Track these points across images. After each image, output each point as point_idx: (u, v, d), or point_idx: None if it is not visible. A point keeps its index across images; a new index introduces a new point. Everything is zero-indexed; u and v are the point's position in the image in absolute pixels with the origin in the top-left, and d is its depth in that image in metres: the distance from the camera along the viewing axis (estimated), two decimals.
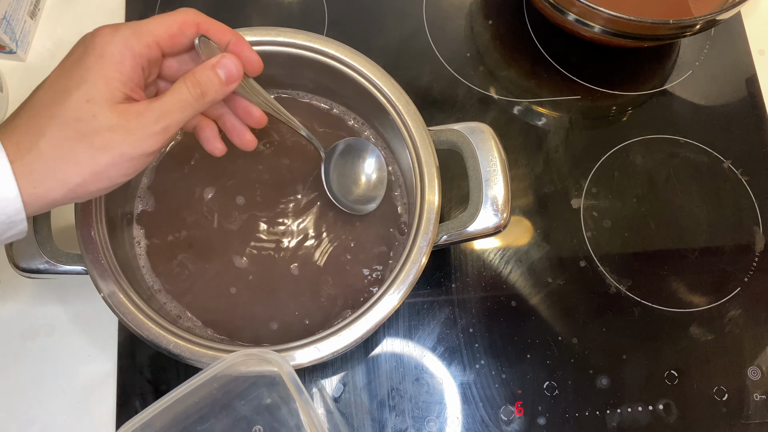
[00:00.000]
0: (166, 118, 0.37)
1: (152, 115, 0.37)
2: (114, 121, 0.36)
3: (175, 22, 0.40)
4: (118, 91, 0.37)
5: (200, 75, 0.39)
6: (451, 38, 0.66)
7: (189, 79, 0.39)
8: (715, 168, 0.62)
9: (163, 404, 0.40)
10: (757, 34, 0.67)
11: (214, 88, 0.40)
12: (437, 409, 0.53)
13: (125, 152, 0.36)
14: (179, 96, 0.38)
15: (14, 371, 0.54)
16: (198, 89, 0.39)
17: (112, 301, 0.45)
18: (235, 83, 0.41)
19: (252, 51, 0.43)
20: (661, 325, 0.56)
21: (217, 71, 0.40)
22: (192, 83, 0.39)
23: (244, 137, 0.46)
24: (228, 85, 0.40)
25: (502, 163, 0.48)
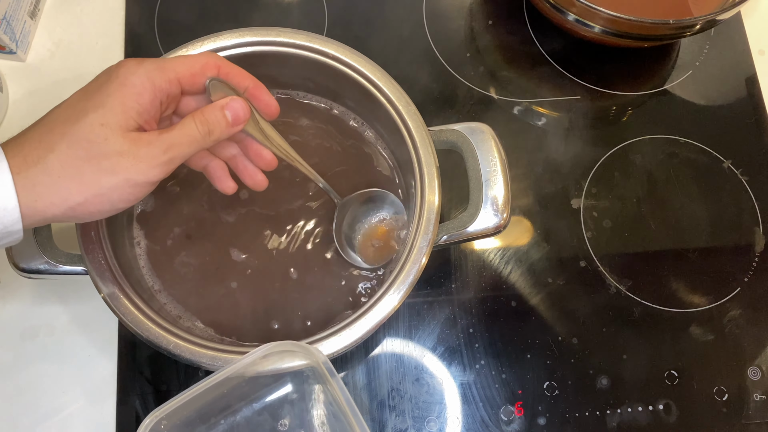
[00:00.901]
0: (174, 150, 0.39)
1: (161, 145, 0.38)
2: (125, 147, 0.37)
3: (198, 63, 0.41)
4: (132, 120, 0.38)
5: (209, 114, 0.41)
6: (451, 38, 0.66)
7: (198, 116, 0.40)
8: (715, 168, 0.62)
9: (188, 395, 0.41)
10: (757, 34, 0.67)
11: (220, 128, 0.41)
12: (437, 409, 0.53)
13: (131, 177, 0.37)
14: (187, 131, 0.40)
15: (14, 371, 0.54)
16: (206, 127, 0.40)
17: (112, 301, 0.45)
18: (241, 125, 0.42)
19: (270, 96, 0.45)
20: (661, 325, 0.56)
21: (225, 112, 0.41)
22: (200, 120, 0.40)
23: (255, 178, 0.47)
24: (234, 126, 0.42)
25: (502, 163, 0.48)
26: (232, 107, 0.42)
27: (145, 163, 0.38)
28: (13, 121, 0.61)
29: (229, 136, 0.42)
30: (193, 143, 0.40)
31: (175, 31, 0.64)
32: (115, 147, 0.37)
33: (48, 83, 0.62)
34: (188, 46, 0.50)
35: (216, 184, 0.47)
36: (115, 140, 0.37)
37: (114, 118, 0.37)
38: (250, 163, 0.47)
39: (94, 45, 0.64)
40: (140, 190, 0.38)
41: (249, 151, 0.47)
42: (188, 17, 0.65)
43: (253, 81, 0.44)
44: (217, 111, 0.41)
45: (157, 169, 0.38)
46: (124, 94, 0.38)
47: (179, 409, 0.41)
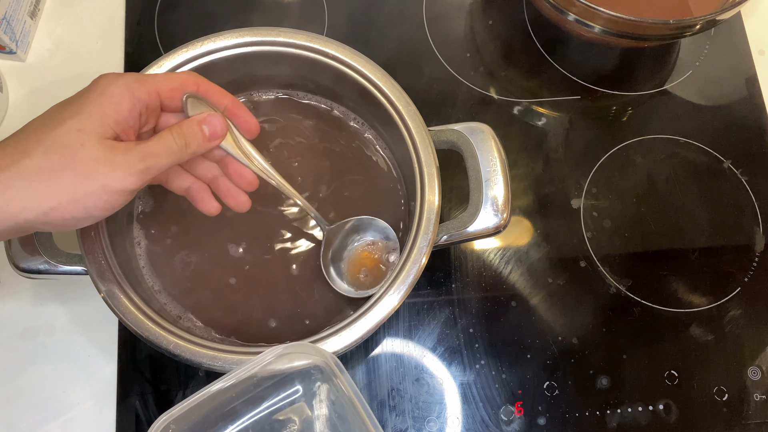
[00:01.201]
0: (150, 159, 0.39)
1: (138, 153, 0.38)
2: (101, 154, 0.37)
3: (178, 79, 0.42)
4: (110, 128, 0.38)
5: (186, 127, 0.41)
6: (451, 38, 0.66)
7: (175, 129, 0.41)
8: (715, 168, 0.62)
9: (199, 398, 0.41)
10: (757, 34, 0.67)
11: (197, 141, 0.42)
12: (437, 409, 0.53)
13: (106, 184, 0.37)
14: (164, 142, 0.40)
15: (14, 371, 0.54)
16: (183, 139, 0.41)
17: (112, 301, 0.45)
18: (218, 140, 0.43)
19: (249, 115, 0.46)
20: (661, 325, 0.56)
21: (202, 126, 0.42)
22: (177, 133, 0.41)
23: (238, 199, 0.47)
24: (210, 141, 0.43)
25: (502, 163, 0.48)
26: (209, 122, 0.42)
27: (121, 170, 0.38)
28: (13, 121, 0.61)
29: (207, 150, 0.43)
30: (170, 154, 0.40)
31: (175, 31, 0.64)
32: (91, 153, 0.37)
33: (48, 83, 0.62)
34: (188, 46, 0.50)
35: (199, 206, 0.47)
36: (91, 146, 0.37)
37: (91, 124, 0.37)
38: (231, 184, 0.47)
39: (94, 45, 0.64)
40: (116, 198, 0.38)
41: (229, 171, 0.46)
42: (188, 17, 0.65)
43: (232, 99, 0.45)
44: (194, 125, 0.42)
45: (133, 177, 0.38)
46: (102, 103, 0.38)
47: (188, 412, 0.41)
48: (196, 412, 0.42)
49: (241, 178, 0.47)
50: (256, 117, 0.55)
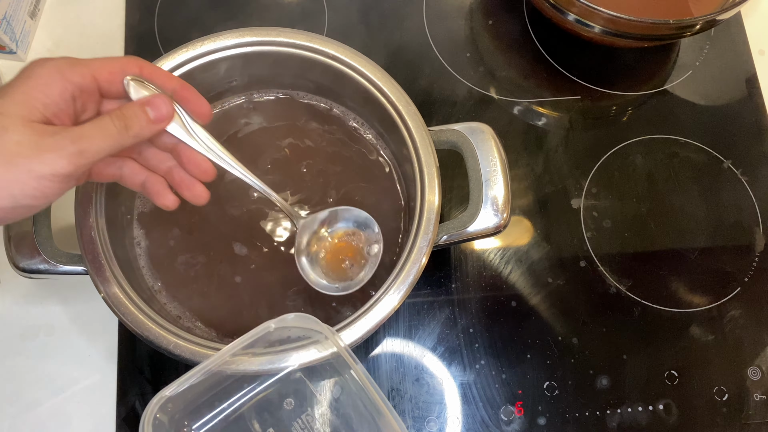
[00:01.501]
0: (84, 141, 0.36)
1: (69, 136, 0.36)
2: (25, 137, 0.35)
3: (118, 62, 0.40)
4: (37, 111, 0.36)
5: (126, 109, 0.39)
6: (451, 38, 0.66)
7: (114, 112, 0.38)
8: (715, 168, 0.62)
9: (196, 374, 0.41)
10: (757, 34, 0.67)
11: (139, 124, 0.39)
12: (437, 409, 0.53)
13: (33, 169, 0.35)
14: (101, 124, 0.37)
15: (14, 371, 0.54)
16: (122, 122, 0.38)
17: (112, 301, 0.45)
18: (164, 122, 0.40)
19: (200, 97, 0.42)
20: (661, 325, 0.56)
21: (145, 109, 0.39)
22: (116, 115, 0.38)
23: (194, 190, 0.44)
24: (155, 124, 0.40)
25: (503, 163, 0.48)
26: (153, 103, 0.39)
27: (49, 153, 0.35)
28: None
29: (152, 134, 0.40)
30: (107, 137, 0.37)
31: (175, 31, 0.64)
32: (14, 137, 0.34)
33: None
34: (188, 46, 0.50)
35: (155, 200, 0.44)
36: (15, 129, 0.34)
37: (15, 107, 0.35)
38: (186, 175, 0.44)
39: (94, 45, 0.64)
40: (47, 185, 0.35)
41: (183, 160, 0.43)
42: (188, 17, 0.65)
43: (179, 82, 0.42)
44: (135, 107, 0.39)
45: (64, 160, 0.35)
46: (28, 85, 0.36)
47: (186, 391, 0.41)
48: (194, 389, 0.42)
49: (195, 166, 0.43)
50: (257, 117, 0.56)
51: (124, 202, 0.52)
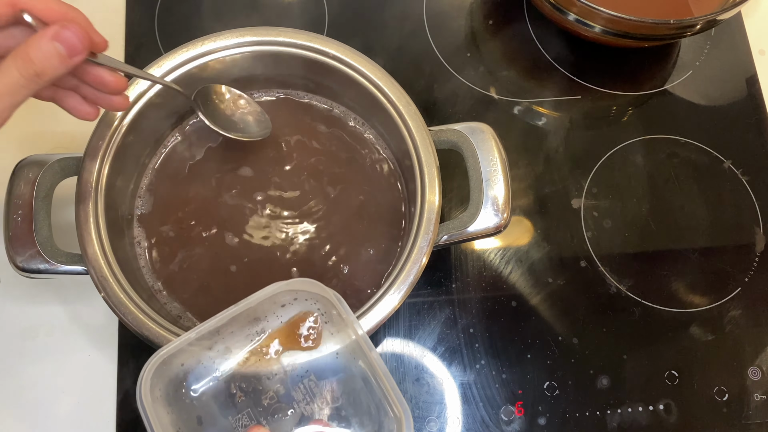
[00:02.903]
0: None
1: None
2: None
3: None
4: None
5: (34, 51, 0.33)
6: (451, 38, 0.66)
7: (20, 56, 0.33)
8: (715, 168, 0.62)
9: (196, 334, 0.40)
10: (757, 34, 0.67)
11: (52, 66, 0.34)
12: (437, 409, 0.53)
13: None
14: (8, 79, 0.33)
15: (14, 371, 0.54)
16: (31, 69, 0.33)
17: (112, 301, 0.45)
18: (81, 55, 0.35)
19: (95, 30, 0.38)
20: (661, 325, 0.56)
21: (55, 45, 0.33)
22: (24, 61, 0.33)
23: (112, 102, 0.41)
24: (71, 59, 0.34)
25: (503, 163, 0.48)
26: (63, 36, 0.34)
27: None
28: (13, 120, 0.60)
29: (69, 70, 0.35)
30: (19, 91, 0.33)
31: (175, 31, 0.64)
32: None
33: None
34: (188, 46, 0.50)
35: (74, 114, 0.41)
36: None
37: None
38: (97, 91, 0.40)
39: None
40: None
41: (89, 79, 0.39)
42: (188, 17, 0.65)
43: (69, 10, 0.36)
44: (45, 44, 0.33)
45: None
46: None
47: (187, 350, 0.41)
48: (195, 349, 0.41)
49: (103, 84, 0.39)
50: None
51: (124, 202, 0.52)
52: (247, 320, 0.43)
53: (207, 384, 0.43)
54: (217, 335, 0.42)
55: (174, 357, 0.41)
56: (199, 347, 0.42)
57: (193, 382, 0.43)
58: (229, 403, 0.43)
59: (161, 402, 0.40)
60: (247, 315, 0.42)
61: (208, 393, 0.43)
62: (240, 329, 0.43)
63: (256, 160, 0.55)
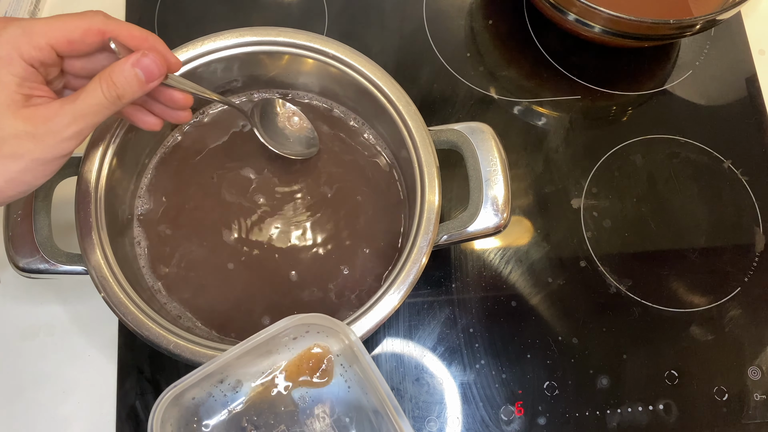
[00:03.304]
0: (80, 122, 0.36)
1: (63, 120, 0.36)
2: (20, 128, 0.35)
3: (78, 29, 0.37)
4: (16, 95, 0.35)
5: (117, 75, 0.37)
6: (451, 38, 0.66)
7: (105, 80, 0.37)
8: (715, 168, 0.62)
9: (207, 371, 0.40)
10: (757, 34, 0.67)
11: (132, 89, 0.38)
12: (437, 409, 0.53)
13: (37, 158, 0.35)
14: (94, 100, 0.36)
15: (14, 371, 0.54)
16: (114, 92, 0.37)
17: (112, 301, 0.45)
18: (157, 80, 0.39)
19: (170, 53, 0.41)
20: (661, 325, 0.56)
21: (135, 71, 0.37)
22: (108, 85, 0.37)
23: (178, 116, 0.45)
24: (148, 84, 0.39)
25: (503, 163, 0.48)
26: (142, 63, 0.38)
27: (48, 141, 0.35)
28: None
29: (145, 93, 0.39)
30: (102, 111, 0.37)
31: (175, 32, 0.64)
32: (9, 130, 0.34)
33: None
34: (188, 46, 0.50)
35: (138, 125, 0.44)
36: (7, 123, 0.34)
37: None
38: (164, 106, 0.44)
39: None
40: (57, 163, 0.36)
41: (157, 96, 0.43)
42: (188, 17, 0.65)
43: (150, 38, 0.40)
44: (126, 71, 0.37)
45: (64, 144, 0.35)
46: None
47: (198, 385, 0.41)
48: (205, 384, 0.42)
49: (172, 101, 0.43)
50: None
51: (124, 202, 0.52)
52: (259, 353, 0.43)
53: (219, 418, 0.43)
54: (229, 368, 0.42)
55: (185, 391, 0.41)
56: (210, 381, 0.42)
57: (205, 416, 0.43)
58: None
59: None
60: (259, 348, 0.42)
61: (219, 427, 0.43)
62: (252, 362, 0.43)
63: (257, 161, 0.55)
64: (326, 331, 0.43)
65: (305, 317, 0.42)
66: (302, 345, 0.44)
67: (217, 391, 0.43)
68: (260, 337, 0.41)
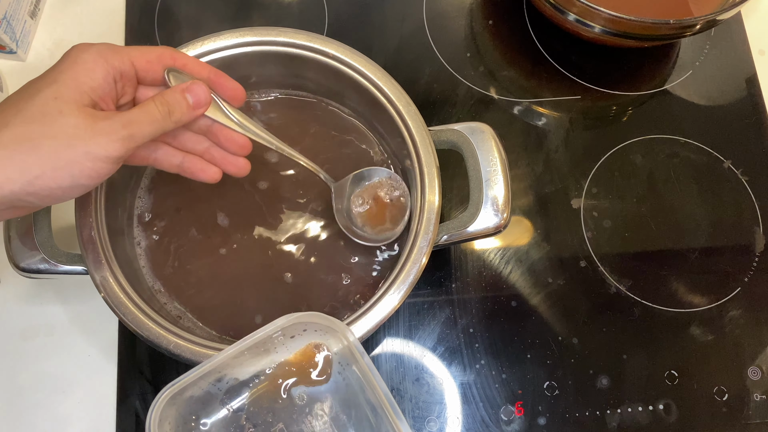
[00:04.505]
0: (133, 126, 0.38)
1: (120, 120, 0.38)
2: (80, 120, 0.37)
3: (153, 52, 0.42)
4: (86, 96, 0.38)
5: (168, 95, 0.41)
6: (451, 38, 0.66)
7: (158, 97, 0.40)
8: (715, 168, 0.62)
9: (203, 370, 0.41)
10: (757, 34, 0.67)
11: (180, 109, 0.41)
12: (437, 409, 0.53)
13: (90, 151, 0.37)
14: (147, 109, 0.40)
15: (14, 371, 0.54)
16: (165, 107, 0.40)
17: (112, 301, 0.45)
18: (203, 108, 0.42)
19: (233, 82, 0.45)
20: (661, 325, 0.56)
21: (185, 95, 0.41)
22: (160, 101, 0.40)
23: (237, 164, 0.47)
24: (196, 110, 0.42)
25: (503, 163, 0.48)
26: (192, 90, 0.42)
27: (103, 136, 0.37)
28: None
29: (192, 119, 0.42)
30: (153, 122, 0.40)
31: (175, 32, 0.64)
32: (70, 120, 0.36)
33: None
34: (188, 46, 0.50)
35: (199, 177, 0.46)
36: (70, 113, 0.36)
37: (68, 92, 0.37)
38: (225, 152, 0.46)
39: None
40: (101, 166, 0.37)
41: (220, 139, 0.46)
42: (188, 17, 0.65)
43: (212, 71, 0.44)
44: (177, 93, 0.41)
45: (117, 143, 0.37)
46: (76, 71, 0.38)
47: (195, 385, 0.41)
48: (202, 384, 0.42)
49: (232, 143, 0.46)
50: (257, 117, 0.56)
51: (124, 202, 0.52)
52: (257, 352, 0.43)
53: (217, 417, 0.43)
54: (227, 367, 0.42)
55: (183, 390, 0.41)
56: (208, 380, 0.42)
57: (203, 415, 0.43)
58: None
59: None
60: (257, 347, 0.42)
61: (218, 425, 0.43)
62: (249, 361, 0.43)
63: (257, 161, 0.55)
64: (323, 330, 0.43)
65: (301, 315, 0.42)
66: (299, 344, 0.44)
67: (215, 390, 0.43)
68: (257, 336, 0.41)
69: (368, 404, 0.44)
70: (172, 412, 0.41)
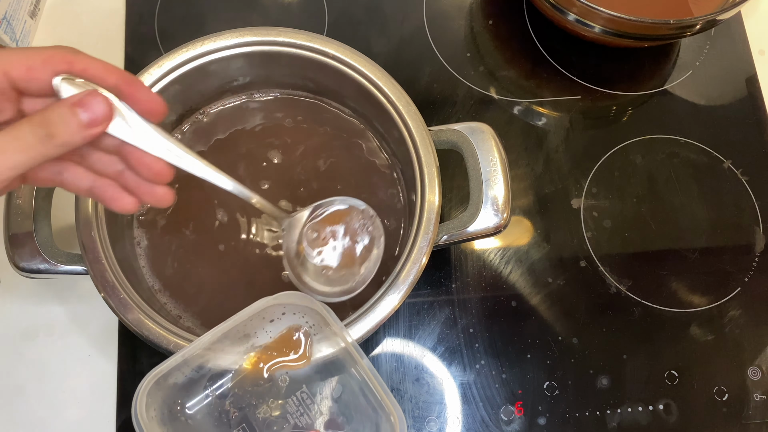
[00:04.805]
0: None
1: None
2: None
3: (39, 56, 0.33)
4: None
5: (51, 113, 0.32)
6: (451, 38, 0.66)
7: (36, 116, 0.32)
8: (715, 168, 0.62)
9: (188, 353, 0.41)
10: (757, 34, 0.67)
11: (67, 130, 0.32)
12: (437, 409, 0.53)
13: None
14: (16, 133, 0.31)
15: (14, 371, 0.54)
16: (43, 129, 0.31)
17: (112, 301, 0.45)
18: (101, 126, 0.33)
19: (150, 92, 0.36)
20: (661, 325, 0.56)
21: (75, 111, 0.32)
22: (38, 122, 0.31)
23: (154, 193, 0.38)
24: (90, 128, 0.33)
25: (503, 163, 0.48)
26: (86, 103, 0.32)
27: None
28: None
29: (86, 141, 0.33)
30: (27, 150, 0.31)
31: (175, 31, 0.64)
32: None
33: None
34: (188, 46, 0.50)
35: (111, 206, 0.38)
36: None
37: None
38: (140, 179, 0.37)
39: (94, 45, 0.64)
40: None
41: (132, 162, 0.36)
42: (188, 17, 0.65)
43: (122, 76, 0.35)
44: (63, 109, 0.32)
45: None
46: None
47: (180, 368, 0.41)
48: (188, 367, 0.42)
49: (147, 169, 0.36)
50: (257, 117, 0.56)
51: None
52: (237, 337, 0.43)
53: (201, 402, 0.43)
54: (209, 353, 0.42)
55: (167, 376, 0.41)
56: (190, 366, 0.42)
57: (188, 400, 0.43)
58: (223, 419, 0.43)
59: (157, 422, 0.40)
60: (237, 332, 0.42)
61: (202, 410, 0.43)
62: (231, 346, 0.43)
63: (255, 161, 0.55)
64: (302, 311, 0.43)
65: (279, 296, 0.42)
66: (279, 327, 0.44)
67: (197, 377, 0.43)
68: (236, 319, 0.41)
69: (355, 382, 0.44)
70: (157, 398, 0.41)
